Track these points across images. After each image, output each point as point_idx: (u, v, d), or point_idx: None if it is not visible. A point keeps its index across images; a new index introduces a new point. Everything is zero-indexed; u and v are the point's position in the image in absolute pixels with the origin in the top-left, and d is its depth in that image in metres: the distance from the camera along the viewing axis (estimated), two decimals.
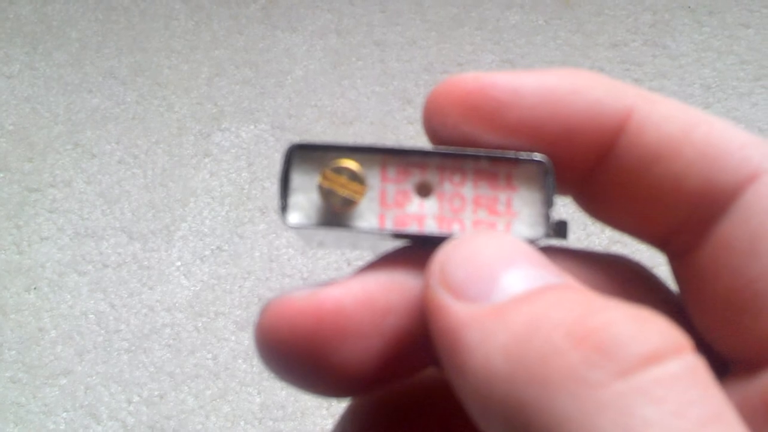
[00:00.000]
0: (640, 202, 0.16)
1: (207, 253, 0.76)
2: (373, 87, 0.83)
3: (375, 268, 0.16)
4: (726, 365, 0.16)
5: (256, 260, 0.76)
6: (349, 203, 0.16)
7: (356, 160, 0.16)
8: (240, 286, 0.75)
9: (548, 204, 0.16)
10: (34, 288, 0.76)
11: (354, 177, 0.16)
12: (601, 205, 0.17)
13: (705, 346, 0.15)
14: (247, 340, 0.72)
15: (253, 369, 0.71)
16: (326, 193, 0.16)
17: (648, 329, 0.13)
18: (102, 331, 0.74)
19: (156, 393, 0.71)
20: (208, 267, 0.76)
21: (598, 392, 0.12)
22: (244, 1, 0.89)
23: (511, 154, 0.16)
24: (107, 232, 0.78)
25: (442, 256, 0.15)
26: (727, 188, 0.15)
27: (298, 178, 0.16)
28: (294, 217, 0.16)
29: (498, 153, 0.16)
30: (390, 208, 0.16)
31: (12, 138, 0.83)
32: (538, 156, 0.16)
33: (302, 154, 0.16)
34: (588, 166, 0.16)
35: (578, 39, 0.85)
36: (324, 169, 0.16)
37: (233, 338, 0.73)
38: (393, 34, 0.86)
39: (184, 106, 0.83)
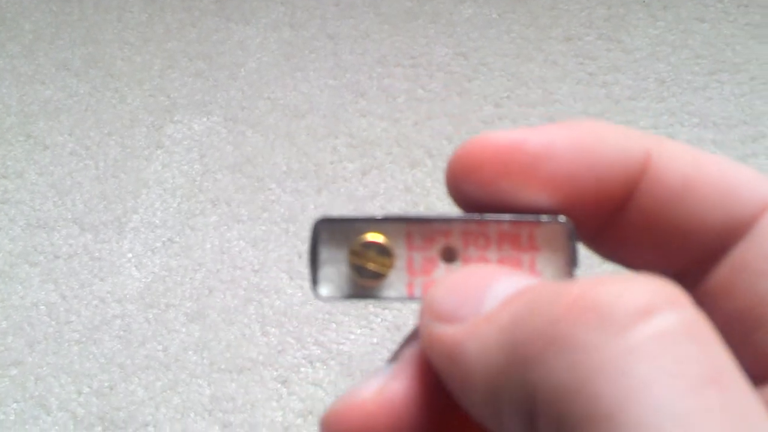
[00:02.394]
0: (660, 240, 0.17)
1: (158, 244, 0.77)
2: (326, 80, 0.83)
3: (409, 362, 0.17)
4: None
5: (207, 252, 0.76)
6: (379, 277, 0.17)
7: (382, 231, 0.17)
8: (191, 278, 0.75)
9: (573, 264, 0.17)
10: None
11: (382, 251, 0.17)
12: (618, 246, 0.17)
13: None
14: (197, 332, 0.73)
15: (204, 361, 0.71)
16: (356, 269, 0.17)
17: (635, 285, 0.13)
18: (53, 323, 0.74)
19: (106, 384, 0.72)
20: (160, 258, 0.76)
21: (593, 356, 0.12)
22: None
23: (531, 217, 0.16)
24: (59, 223, 0.78)
25: (427, 297, 0.16)
26: (743, 218, 0.16)
27: (326, 252, 0.17)
28: (325, 289, 0.17)
29: (520, 216, 0.17)
30: (417, 276, 0.17)
31: None
32: (560, 218, 0.16)
33: (329, 228, 0.17)
34: (613, 211, 0.17)
35: (532, 33, 0.85)
36: (352, 245, 0.17)
37: (184, 330, 0.73)
38: (346, 27, 0.86)
39: (136, 98, 0.83)
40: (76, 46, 0.86)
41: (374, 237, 0.17)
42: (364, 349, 0.70)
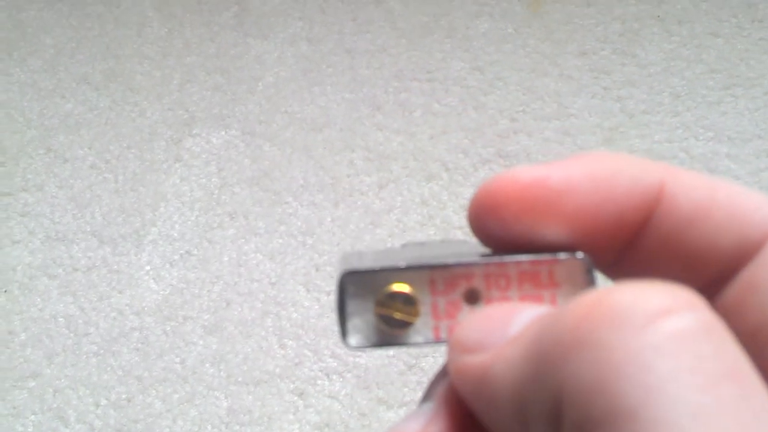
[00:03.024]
0: (674, 264, 0.17)
1: (176, 257, 0.77)
2: (343, 94, 0.84)
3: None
4: None
5: (225, 265, 0.76)
6: (406, 325, 0.17)
7: (406, 280, 0.17)
8: (208, 291, 0.75)
9: None
10: (5, 291, 0.76)
11: (408, 301, 0.17)
12: (634, 272, 0.18)
13: None
14: (215, 344, 0.73)
15: (221, 373, 0.72)
16: (383, 319, 0.17)
17: (651, 289, 0.13)
18: (71, 335, 0.74)
19: (124, 396, 0.72)
20: (177, 271, 0.76)
21: (614, 354, 0.12)
22: (217, 8, 0.89)
23: (549, 255, 0.17)
24: (78, 236, 0.79)
25: (453, 336, 0.16)
26: (752, 241, 0.17)
27: (353, 304, 0.17)
28: (354, 340, 0.17)
29: (539, 256, 0.17)
30: (443, 320, 0.17)
31: None
32: (578, 254, 0.17)
33: (354, 281, 0.17)
34: (630, 239, 0.18)
35: (547, 47, 0.86)
36: (378, 296, 0.17)
37: (201, 342, 0.73)
38: (363, 42, 0.86)
39: (155, 112, 0.84)
40: (96, 60, 0.87)
41: (399, 287, 0.17)
42: (380, 361, 0.70)
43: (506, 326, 0.15)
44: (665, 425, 0.11)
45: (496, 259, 0.17)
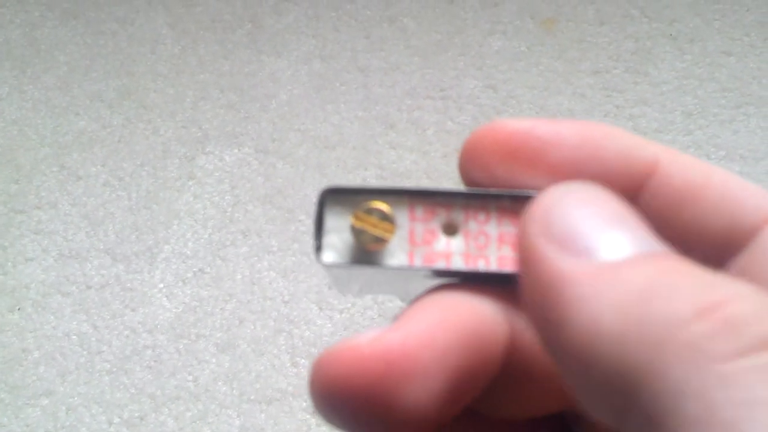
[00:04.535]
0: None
1: (189, 275, 0.77)
2: (356, 112, 0.84)
3: (419, 310, 0.16)
4: None
5: (238, 283, 0.76)
6: (380, 241, 0.17)
7: (386, 201, 0.17)
8: (221, 309, 0.75)
9: None
10: (18, 308, 0.76)
11: (384, 217, 0.17)
12: None
13: None
14: (227, 363, 0.73)
15: (233, 391, 0.72)
16: (358, 233, 0.17)
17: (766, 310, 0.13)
18: (84, 352, 0.74)
19: (136, 414, 0.72)
20: (190, 289, 0.76)
21: (719, 366, 0.12)
22: (230, 26, 0.90)
23: (530, 192, 0.17)
24: (91, 254, 0.79)
25: (544, 203, 0.15)
26: (745, 229, 0.17)
27: (331, 220, 0.17)
28: (328, 256, 0.17)
29: (518, 192, 0.17)
30: (418, 246, 0.17)
31: None
32: None
33: (335, 197, 0.17)
34: None
35: (560, 65, 0.86)
36: (356, 211, 0.17)
37: (214, 360, 0.73)
38: (376, 60, 0.87)
39: (169, 130, 0.84)
40: (109, 78, 0.87)
41: (378, 205, 0.17)
42: None
43: (601, 237, 0.14)
44: None
45: (477, 191, 0.17)
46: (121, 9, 0.91)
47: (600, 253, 0.14)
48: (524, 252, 0.15)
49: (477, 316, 0.16)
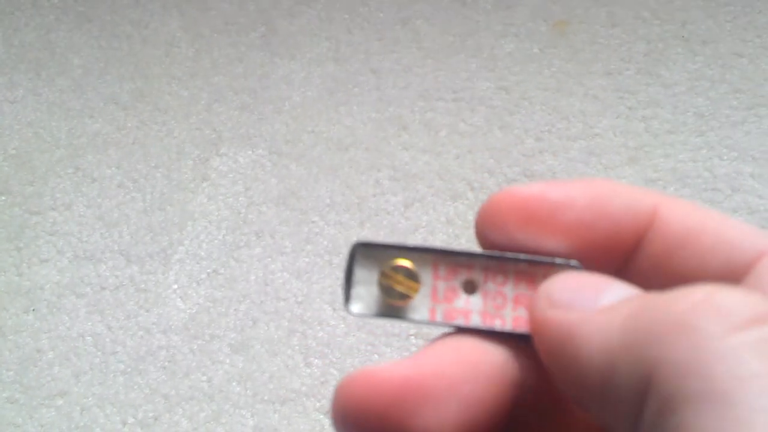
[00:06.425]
0: (666, 287, 0.18)
1: (203, 276, 0.77)
2: (369, 113, 0.84)
3: (436, 346, 0.18)
4: None
5: (252, 284, 0.76)
6: (405, 298, 0.18)
7: (411, 259, 0.18)
8: (235, 309, 0.75)
9: None
10: (33, 309, 0.77)
11: (410, 275, 0.18)
12: None
13: None
14: (241, 363, 0.73)
15: (247, 392, 0.72)
16: (385, 289, 0.18)
17: (752, 297, 0.15)
18: (98, 353, 0.74)
19: (151, 415, 0.72)
20: (204, 290, 0.77)
21: (714, 343, 0.14)
22: (244, 29, 0.90)
23: (546, 259, 0.18)
24: (105, 255, 0.79)
25: (546, 287, 0.17)
26: (739, 265, 0.18)
27: (360, 273, 0.19)
28: (356, 307, 0.19)
29: (536, 258, 0.18)
30: (440, 303, 0.18)
31: (14, 162, 0.85)
32: (573, 262, 0.18)
33: (364, 252, 0.19)
34: (624, 257, 0.19)
35: (572, 67, 0.86)
36: (383, 267, 0.18)
37: (228, 361, 0.73)
38: (389, 62, 0.87)
39: (183, 132, 0.85)
40: (124, 80, 0.88)
41: (404, 262, 0.18)
42: None
43: (598, 294, 0.16)
44: (759, 412, 0.13)
45: (497, 254, 0.18)
46: (135, 12, 0.91)
47: (598, 304, 0.16)
48: (533, 323, 0.17)
49: (488, 356, 0.18)
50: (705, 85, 0.84)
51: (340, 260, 0.76)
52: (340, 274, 0.76)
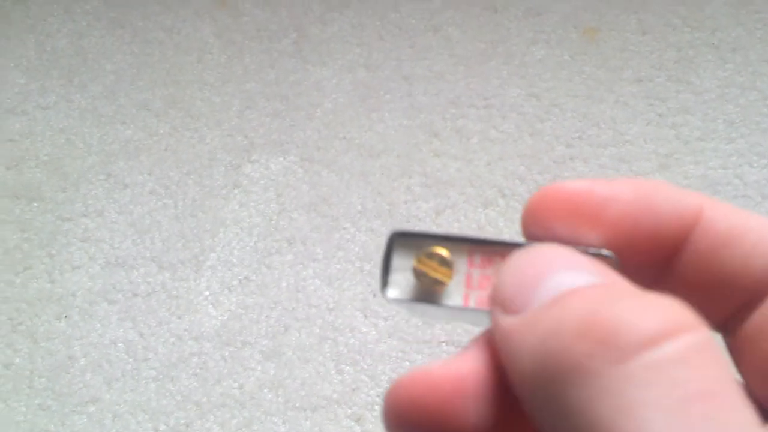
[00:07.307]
0: (708, 286, 0.19)
1: (235, 283, 0.77)
2: (400, 120, 0.84)
3: (483, 341, 0.18)
4: None
5: (283, 290, 0.76)
6: (439, 284, 0.19)
7: (447, 247, 0.19)
8: (267, 316, 0.75)
9: None
10: (65, 316, 0.77)
11: (444, 262, 0.19)
12: (671, 292, 0.19)
13: (758, 404, 0.17)
14: (273, 370, 0.73)
15: (279, 399, 0.72)
16: (419, 275, 0.19)
17: (649, 315, 0.14)
18: (130, 360, 0.74)
19: (182, 422, 0.72)
20: (236, 297, 0.77)
21: (597, 381, 0.14)
22: (276, 35, 0.90)
23: (581, 248, 0.18)
24: (137, 262, 0.79)
25: (496, 280, 0.17)
26: None
27: (397, 260, 0.19)
28: (392, 292, 0.19)
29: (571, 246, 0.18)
30: (474, 290, 0.19)
31: (46, 168, 0.85)
32: (605, 251, 0.18)
33: (401, 240, 0.19)
34: (668, 256, 0.19)
35: (603, 74, 0.86)
36: (419, 254, 0.19)
37: (259, 368, 0.73)
38: (421, 69, 0.87)
39: (215, 138, 0.85)
40: (156, 86, 0.88)
41: (439, 250, 0.19)
42: None
43: (534, 290, 0.16)
44: None
45: (532, 243, 0.18)
46: (168, 18, 0.92)
47: (531, 305, 0.16)
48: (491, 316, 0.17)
49: None
50: (735, 92, 0.84)
51: (372, 267, 0.76)
52: (372, 281, 0.76)
